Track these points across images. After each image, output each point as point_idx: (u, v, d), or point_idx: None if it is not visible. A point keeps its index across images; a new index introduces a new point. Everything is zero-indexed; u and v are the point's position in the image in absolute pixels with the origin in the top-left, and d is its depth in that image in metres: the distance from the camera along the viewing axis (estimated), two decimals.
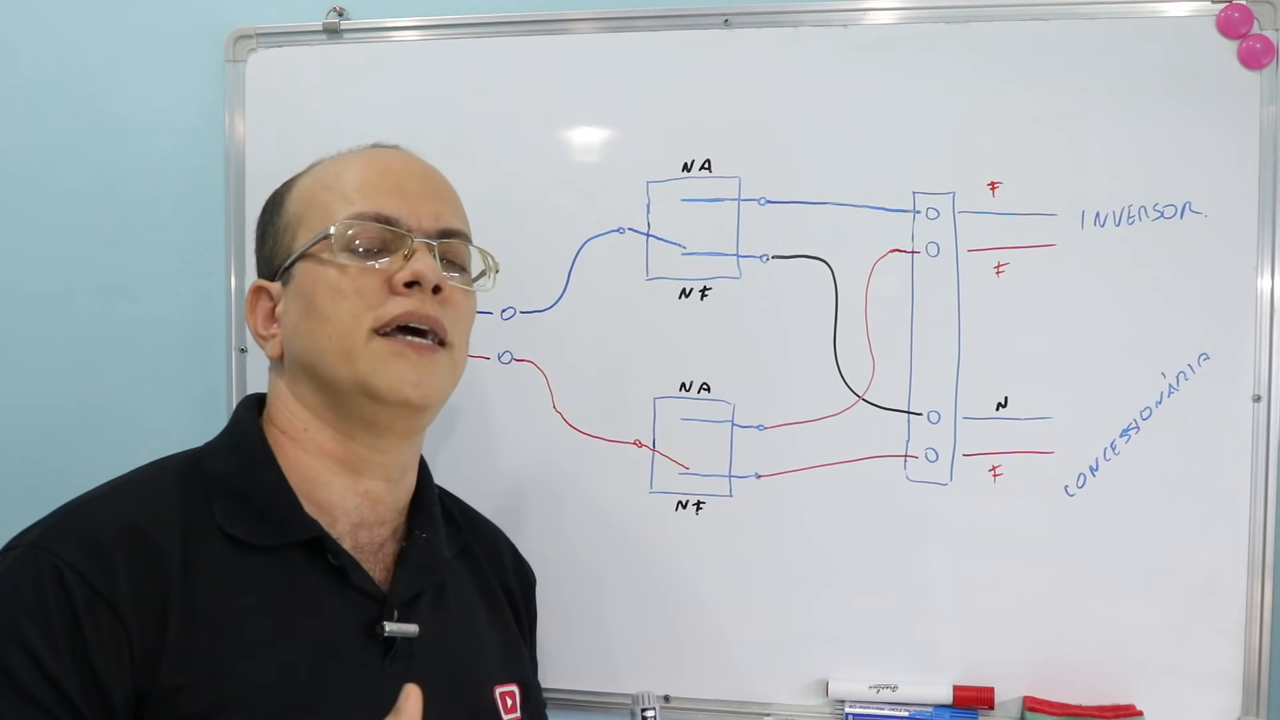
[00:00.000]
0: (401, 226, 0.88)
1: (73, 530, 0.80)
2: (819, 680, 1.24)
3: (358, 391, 0.86)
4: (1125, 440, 1.18)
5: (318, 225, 0.89)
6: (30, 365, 1.39)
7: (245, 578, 0.82)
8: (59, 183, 1.39)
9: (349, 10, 1.32)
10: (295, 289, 0.89)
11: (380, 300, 0.86)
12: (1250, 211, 1.16)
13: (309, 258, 0.89)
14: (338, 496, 0.89)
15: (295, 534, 0.85)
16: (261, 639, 0.81)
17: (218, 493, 0.85)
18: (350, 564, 0.86)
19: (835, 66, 1.23)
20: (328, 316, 0.86)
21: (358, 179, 0.90)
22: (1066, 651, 1.19)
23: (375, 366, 0.86)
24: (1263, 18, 1.16)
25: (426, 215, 0.90)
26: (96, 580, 0.77)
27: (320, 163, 0.96)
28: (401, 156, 0.95)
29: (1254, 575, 1.16)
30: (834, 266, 1.23)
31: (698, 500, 1.25)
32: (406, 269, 0.87)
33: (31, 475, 1.38)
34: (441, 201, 0.93)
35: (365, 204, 0.88)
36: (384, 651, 0.86)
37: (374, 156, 0.94)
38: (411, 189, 0.91)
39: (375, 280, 0.87)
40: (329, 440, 0.89)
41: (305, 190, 0.92)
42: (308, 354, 0.88)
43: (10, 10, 1.40)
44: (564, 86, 1.27)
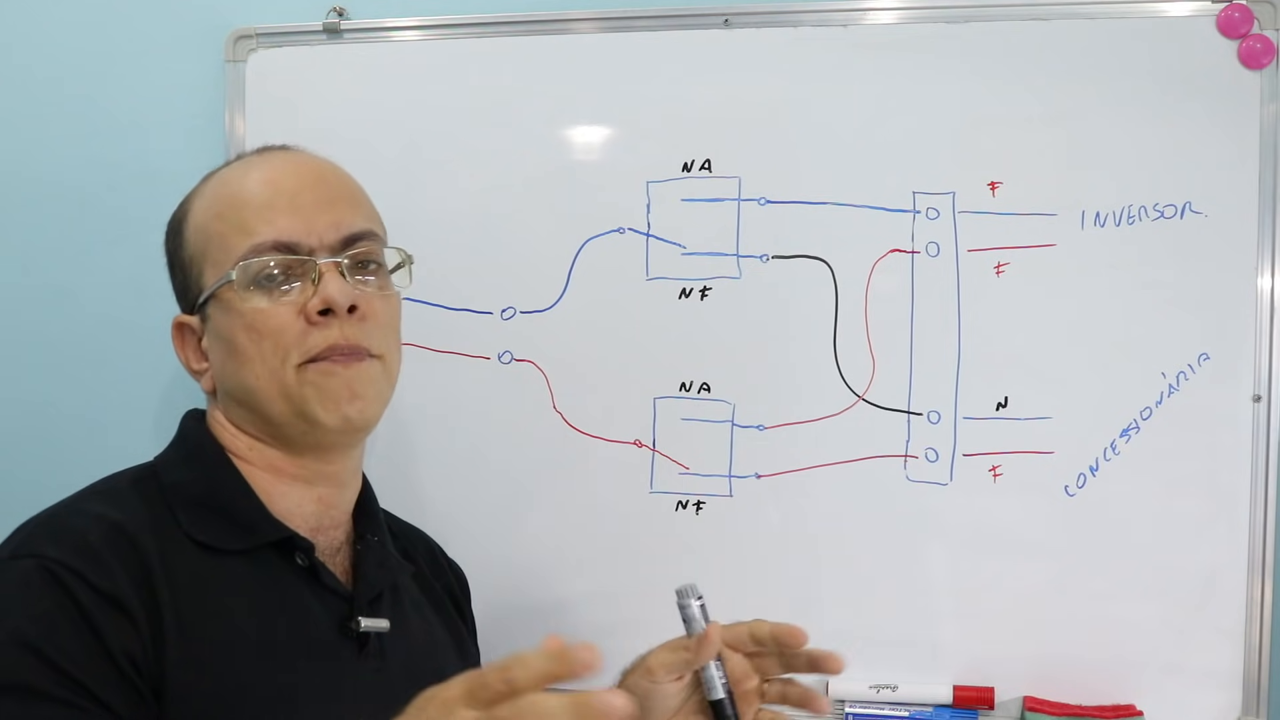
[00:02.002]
0: (303, 249, 0.85)
1: (54, 535, 0.79)
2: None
3: (298, 420, 0.86)
4: (1125, 440, 1.18)
5: (220, 261, 0.86)
6: (30, 365, 1.39)
7: (221, 580, 0.82)
8: (59, 182, 1.39)
9: (349, 10, 1.32)
10: (213, 330, 0.88)
11: (298, 332, 0.85)
12: (1250, 211, 1.16)
13: (217, 298, 0.87)
14: (294, 504, 0.89)
15: (265, 536, 0.85)
16: (246, 639, 0.81)
17: (180, 503, 0.84)
18: (319, 564, 0.87)
19: (835, 66, 1.23)
20: (251, 357, 0.85)
21: (249, 203, 0.87)
22: (1066, 651, 1.19)
23: (309, 397, 0.85)
24: (1263, 18, 1.16)
25: (326, 227, 0.86)
26: (94, 577, 0.76)
27: (210, 180, 0.92)
28: (291, 164, 0.91)
29: (1254, 575, 1.16)
30: (834, 266, 1.23)
31: (698, 500, 1.25)
32: (316, 297, 0.84)
33: (31, 475, 1.38)
34: (340, 206, 0.89)
35: (263, 231, 0.85)
36: (358, 648, 0.87)
37: (262, 171, 0.90)
38: (305, 202, 0.87)
39: (289, 313, 0.85)
40: (276, 458, 0.89)
41: (199, 220, 0.89)
42: (240, 392, 0.87)
43: (10, 10, 1.39)
44: (564, 86, 1.27)
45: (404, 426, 1.27)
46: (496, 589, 1.26)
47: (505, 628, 1.24)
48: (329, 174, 0.91)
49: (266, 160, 0.91)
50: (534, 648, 0.67)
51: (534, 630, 1.27)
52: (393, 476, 0.99)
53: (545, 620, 1.28)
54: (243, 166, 0.91)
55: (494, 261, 1.28)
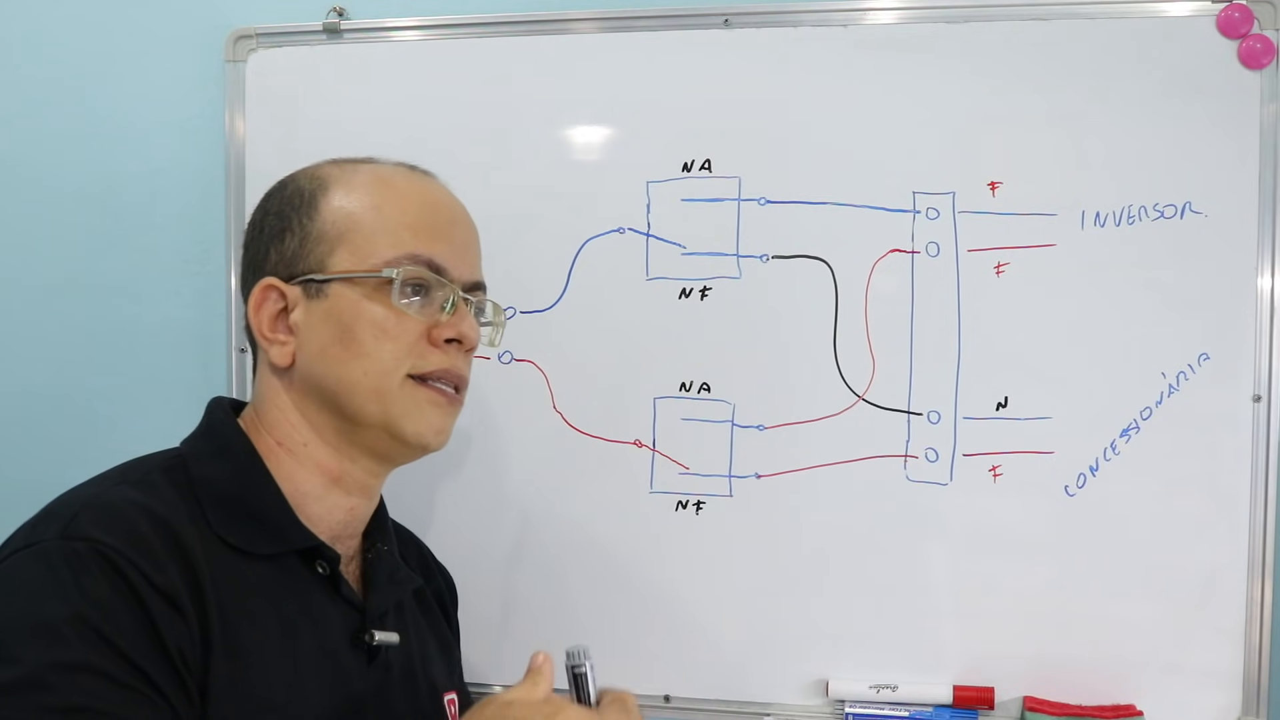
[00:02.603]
0: (448, 277, 0.88)
1: (105, 521, 0.76)
2: (819, 680, 1.24)
3: (382, 430, 0.87)
4: (1125, 440, 1.18)
5: (364, 252, 0.86)
6: (30, 365, 1.40)
7: (251, 583, 0.82)
8: (59, 183, 1.39)
9: (349, 10, 1.32)
10: (328, 310, 0.86)
11: (419, 347, 0.87)
12: (1250, 211, 1.16)
13: (352, 284, 0.86)
14: (325, 510, 0.89)
15: (292, 543, 0.85)
16: (271, 646, 0.81)
17: (209, 499, 0.83)
18: (340, 575, 0.87)
19: (835, 66, 1.23)
20: (367, 353, 0.85)
21: (411, 216, 0.89)
22: (1066, 651, 1.19)
23: (408, 411, 0.86)
24: (1263, 18, 1.16)
25: (467, 267, 0.91)
26: (150, 571, 0.74)
27: (357, 171, 0.91)
28: (446, 196, 0.94)
29: (1254, 575, 1.16)
30: (834, 266, 1.23)
31: (698, 500, 1.25)
32: (452, 327, 0.88)
33: (31, 475, 1.38)
34: (476, 253, 0.94)
35: (417, 246, 0.87)
36: (368, 659, 0.87)
37: (424, 192, 0.92)
38: (458, 237, 0.91)
39: (418, 328, 0.87)
40: (327, 458, 0.88)
41: (349, 205, 0.88)
42: (334, 381, 0.86)
43: (10, 10, 1.40)
44: (564, 86, 1.27)
45: None
46: (496, 589, 1.26)
47: (505, 628, 1.24)
48: (470, 219, 0.95)
49: (425, 182, 0.93)
50: None
51: (534, 630, 1.27)
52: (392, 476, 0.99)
53: (545, 620, 1.28)
54: (398, 174, 0.92)
55: (494, 261, 1.27)
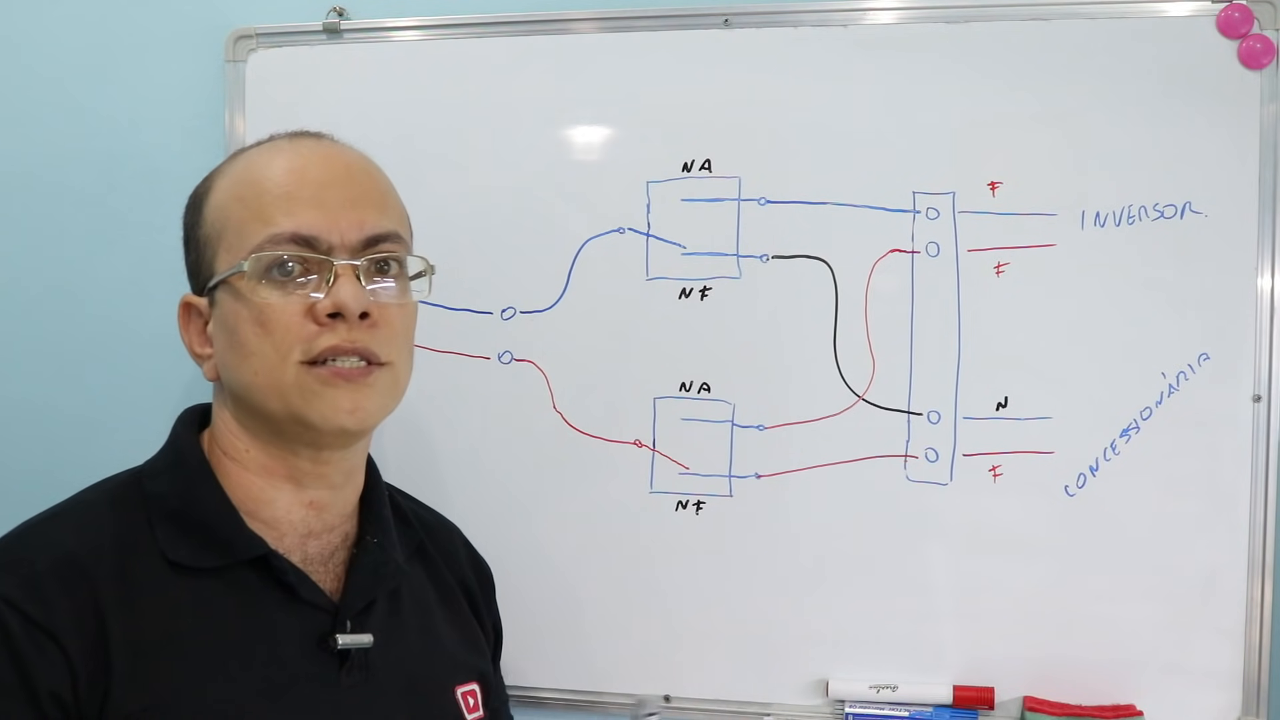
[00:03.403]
0: (321, 246, 0.83)
1: (4, 565, 0.78)
2: (819, 680, 1.24)
3: (291, 421, 0.84)
4: (1125, 440, 1.18)
5: (235, 246, 0.84)
6: (30, 365, 1.39)
7: (191, 602, 0.81)
8: (59, 182, 1.39)
9: (349, 10, 1.32)
10: (219, 317, 0.86)
11: (304, 331, 0.82)
12: (1250, 211, 1.16)
13: (227, 285, 0.84)
14: (283, 511, 0.87)
15: (240, 554, 0.83)
16: (212, 664, 0.80)
17: (158, 515, 0.83)
18: (298, 578, 0.85)
19: (835, 66, 1.23)
20: (252, 351, 0.83)
21: (273, 191, 0.84)
22: (1066, 651, 1.19)
23: (307, 399, 0.82)
24: (1263, 18, 1.16)
25: (349, 226, 0.84)
26: (33, 611, 0.75)
27: (238, 159, 0.89)
28: (321, 155, 0.87)
29: (1254, 575, 1.16)
30: (834, 266, 1.23)
31: (698, 500, 1.25)
32: (328, 299, 0.82)
33: (30, 475, 1.38)
34: (365, 206, 0.86)
35: (283, 222, 0.82)
36: (339, 664, 0.85)
37: (291, 159, 0.86)
38: (331, 198, 0.84)
39: (297, 310, 0.82)
40: (269, 459, 0.87)
41: (219, 200, 0.86)
42: (237, 384, 0.85)
43: (10, 10, 1.40)
44: (564, 86, 1.27)
45: (404, 426, 1.27)
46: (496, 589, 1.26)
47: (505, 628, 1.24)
48: (359, 169, 0.88)
49: (296, 147, 0.88)
50: None
51: (534, 631, 1.27)
52: (392, 477, 0.99)
53: (545, 621, 1.28)
54: (270, 150, 0.88)
55: (494, 261, 1.28)
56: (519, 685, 1.26)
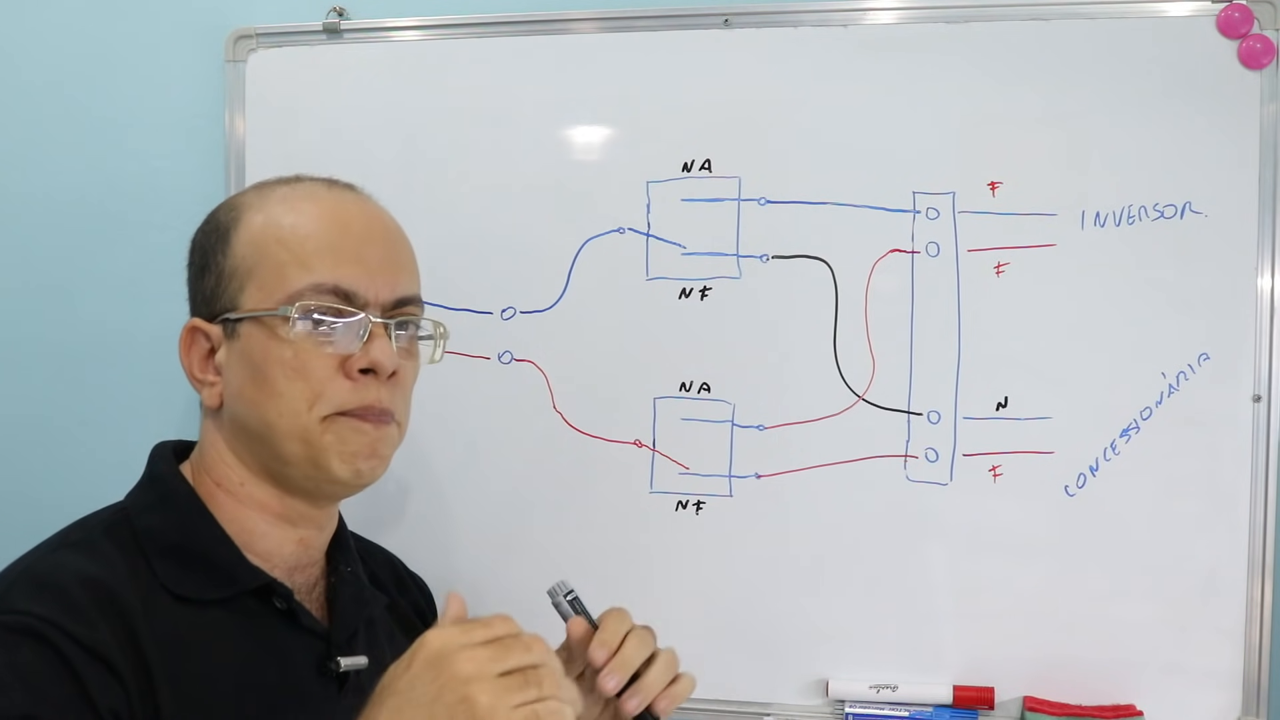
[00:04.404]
0: (359, 302, 0.84)
1: (35, 590, 0.75)
2: (819, 680, 1.23)
3: (309, 466, 0.84)
4: (1125, 440, 1.18)
5: (270, 285, 0.84)
6: (30, 365, 1.39)
7: (200, 633, 0.81)
8: (59, 183, 1.39)
9: (349, 10, 1.32)
10: (242, 351, 0.85)
11: (333, 384, 0.83)
12: (1250, 211, 1.16)
13: (259, 323, 0.84)
14: (275, 545, 0.88)
15: (243, 584, 0.84)
16: (230, 691, 0.80)
17: (154, 551, 0.83)
18: (298, 607, 0.86)
19: (835, 66, 1.23)
20: (280, 393, 0.83)
21: (315, 239, 0.85)
22: (1066, 651, 1.19)
23: (332, 445, 0.84)
24: (1263, 18, 1.16)
25: (384, 285, 0.86)
26: (80, 633, 0.73)
27: (270, 195, 0.88)
28: (360, 211, 0.89)
29: (1254, 575, 1.16)
30: (834, 266, 1.23)
31: (698, 500, 1.25)
32: (364, 356, 0.84)
33: (30, 477, 1.38)
34: (399, 268, 0.89)
35: (324, 273, 0.83)
36: (338, 687, 0.86)
37: (332, 209, 0.87)
38: (371, 256, 0.86)
39: (330, 363, 0.83)
40: (266, 496, 0.87)
41: (256, 236, 0.86)
42: (255, 423, 0.85)
43: (10, 10, 1.40)
44: (564, 86, 1.27)
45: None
46: (496, 589, 1.26)
47: None
48: (394, 231, 0.90)
49: (336, 197, 0.89)
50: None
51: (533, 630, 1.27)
52: (392, 477, 0.99)
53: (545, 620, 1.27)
54: (309, 195, 0.88)
55: (494, 261, 1.28)
56: None
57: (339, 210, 0.88)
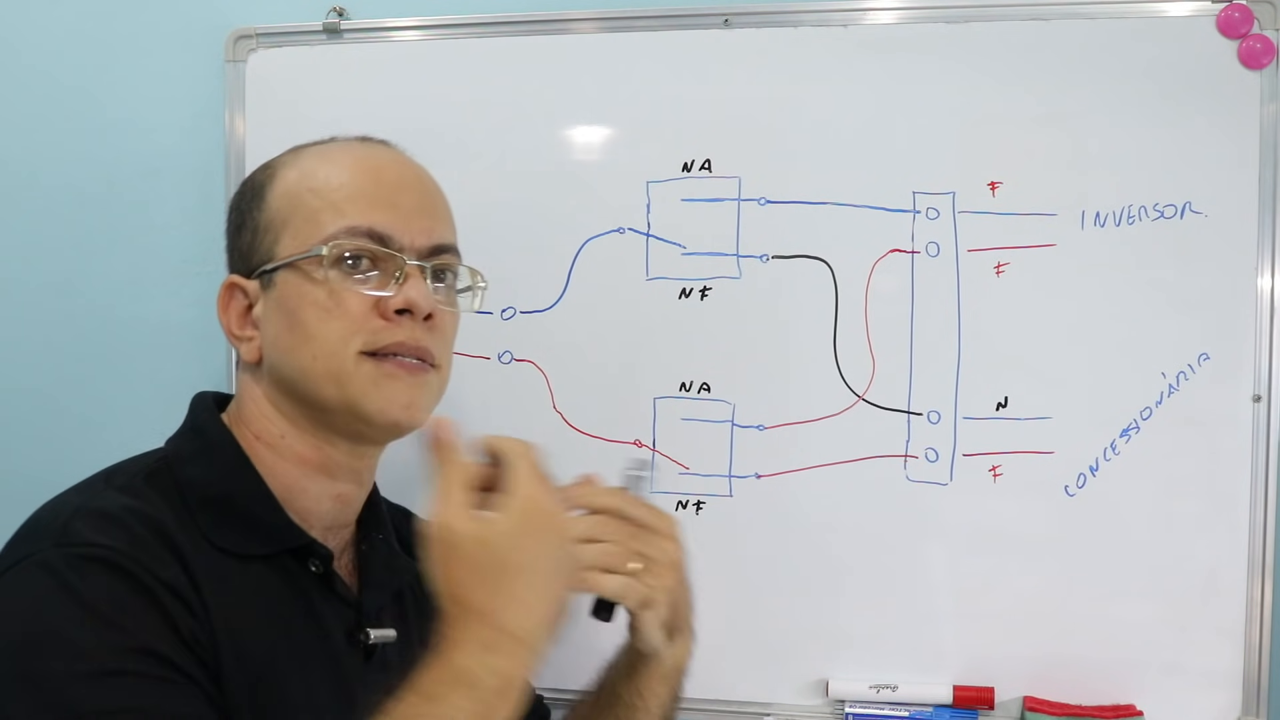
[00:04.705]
0: (394, 245, 0.84)
1: (101, 525, 0.75)
2: (819, 680, 1.23)
3: (345, 411, 0.84)
4: (1125, 440, 1.18)
5: (304, 233, 0.84)
6: (30, 364, 1.39)
7: (242, 584, 0.80)
8: (59, 183, 1.39)
9: (349, 10, 1.32)
10: (277, 299, 0.85)
11: (369, 323, 0.83)
12: (1250, 211, 1.16)
13: (293, 268, 0.84)
14: (313, 502, 0.87)
15: (285, 542, 0.84)
16: (264, 646, 0.80)
17: (196, 502, 0.82)
18: (334, 572, 0.85)
19: (835, 66, 1.23)
20: (313, 335, 0.83)
21: (349, 186, 0.85)
22: (1066, 651, 1.19)
23: (366, 389, 0.83)
24: (1263, 18, 1.16)
25: (419, 231, 0.86)
26: (155, 568, 0.73)
27: (304, 153, 0.89)
28: (394, 161, 0.90)
29: (1254, 575, 1.16)
30: (834, 266, 1.23)
31: (698, 500, 1.25)
32: (400, 296, 0.84)
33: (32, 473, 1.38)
34: (434, 215, 0.89)
35: (357, 217, 0.84)
36: (365, 657, 0.86)
37: (365, 159, 0.89)
38: (405, 202, 0.87)
39: (365, 302, 0.83)
40: (307, 448, 0.87)
41: (290, 188, 0.87)
42: (290, 369, 0.84)
43: (10, 10, 1.40)
44: (564, 86, 1.27)
45: None
46: None
47: None
48: (428, 180, 0.91)
49: (371, 149, 0.90)
50: None
51: None
52: (392, 477, 0.99)
53: None
54: (342, 147, 0.90)
55: (494, 261, 1.27)
56: None
57: (373, 159, 0.89)
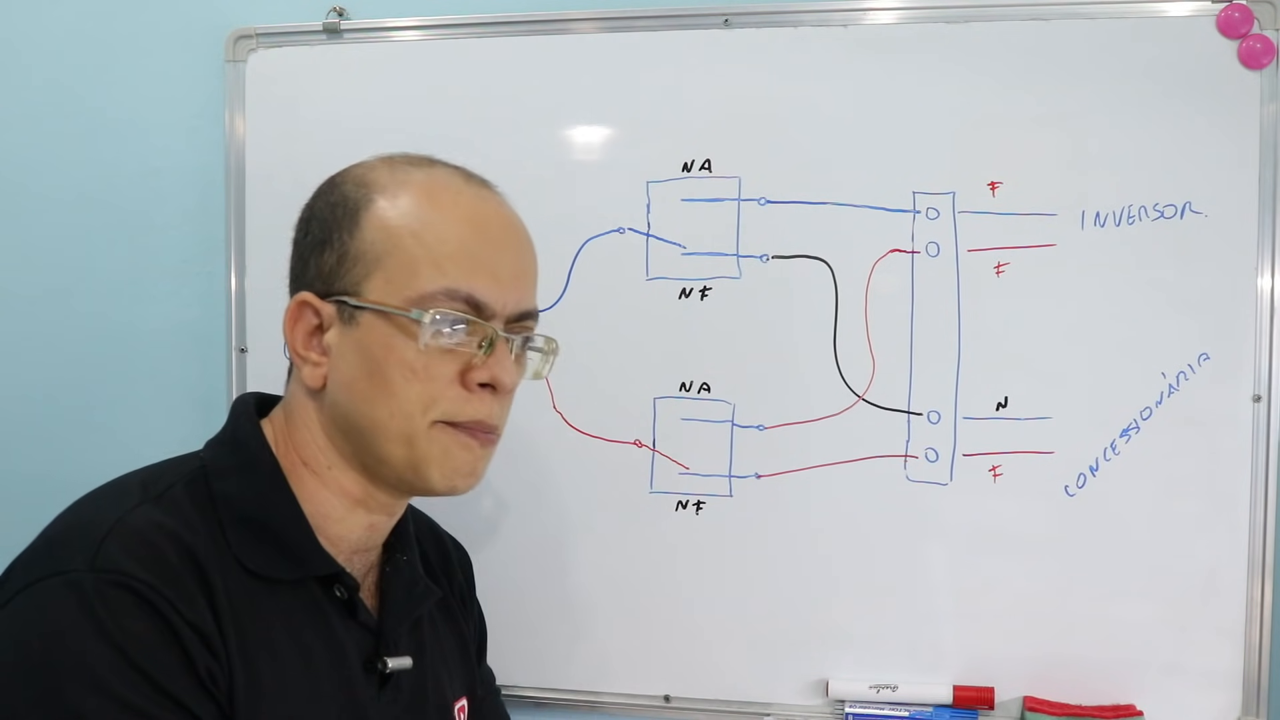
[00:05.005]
0: (487, 313, 0.82)
1: (136, 551, 0.74)
2: (819, 680, 1.24)
3: (408, 470, 0.83)
4: (1125, 440, 1.18)
5: (399, 281, 0.81)
6: (30, 365, 1.40)
7: (268, 611, 0.80)
8: (59, 183, 1.39)
9: (349, 10, 1.32)
10: (359, 341, 0.82)
11: (450, 392, 0.82)
12: (1250, 211, 1.16)
13: (383, 316, 0.81)
14: (346, 530, 0.86)
15: (313, 569, 0.83)
16: (289, 673, 0.80)
17: (230, 518, 0.81)
18: (358, 600, 0.85)
19: (835, 66, 1.23)
20: (395, 394, 0.81)
21: (453, 242, 0.82)
22: (1066, 651, 1.19)
23: (435, 456, 0.82)
24: (1263, 18, 1.16)
25: (512, 299, 0.84)
26: (183, 607, 0.73)
27: (409, 182, 0.85)
28: (498, 214, 0.87)
29: (1254, 575, 1.16)
30: (834, 266, 1.23)
31: (698, 500, 1.25)
32: (485, 370, 0.82)
33: (32, 476, 1.38)
34: (528, 281, 0.87)
35: (459, 279, 0.81)
36: (380, 684, 0.85)
37: (472, 211, 0.85)
38: (505, 267, 0.84)
39: (451, 370, 0.82)
40: (351, 483, 0.85)
41: (392, 225, 0.82)
42: (361, 418, 0.82)
43: (11, 10, 1.40)
44: (564, 86, 1.27)
45: None
46: (496, 589, 1.26)
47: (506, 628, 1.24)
48: (525, 239, 0.88)
49: (478, 199, 0.86)
50: None
51: (534, 631, 1.27)
52: None
53: (545, 620, 1.28)
54: (450, 188, 0.85)
55: None
56: (517, 685, 1.26)
57: (478, 211, 0.85)
